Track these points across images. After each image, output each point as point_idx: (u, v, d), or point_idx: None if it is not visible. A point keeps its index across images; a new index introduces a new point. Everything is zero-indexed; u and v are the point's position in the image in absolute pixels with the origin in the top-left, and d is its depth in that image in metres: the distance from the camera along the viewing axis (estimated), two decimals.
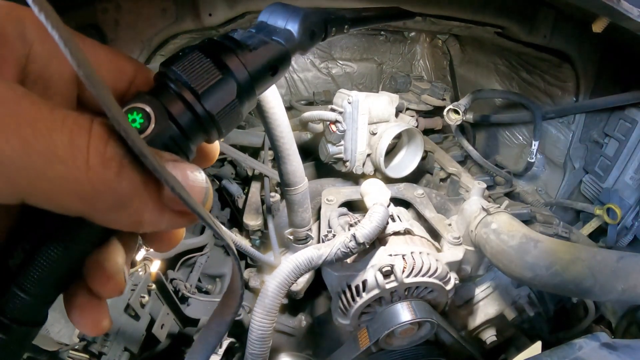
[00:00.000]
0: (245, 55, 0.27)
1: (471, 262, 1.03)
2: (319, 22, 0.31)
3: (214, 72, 0.26)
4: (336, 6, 0.98)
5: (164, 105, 0.25)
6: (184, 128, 0.25)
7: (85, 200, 0.20)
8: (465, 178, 1.22)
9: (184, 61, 0.26)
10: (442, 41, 1.76)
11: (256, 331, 0.78)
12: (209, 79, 0.26)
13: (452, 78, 1.78)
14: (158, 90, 0.26)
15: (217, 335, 0.28)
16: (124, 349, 0.94)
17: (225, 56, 0.27)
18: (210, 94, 0.26)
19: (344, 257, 0.85)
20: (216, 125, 0.27)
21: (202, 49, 0.27)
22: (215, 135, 0.27)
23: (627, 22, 0.74)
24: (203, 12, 0.88)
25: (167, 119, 0.25)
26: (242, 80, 0.27)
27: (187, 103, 0.25)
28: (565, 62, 1.18)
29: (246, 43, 0.28)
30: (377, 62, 1.90)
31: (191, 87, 0.25)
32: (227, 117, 0.27)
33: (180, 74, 0.25)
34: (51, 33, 0.19)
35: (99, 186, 0.20)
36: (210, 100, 0.26)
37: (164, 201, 0.23)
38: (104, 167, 0.20)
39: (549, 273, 0.80)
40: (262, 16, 0.32)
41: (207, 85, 0.25)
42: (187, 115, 0.25)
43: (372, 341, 0.86)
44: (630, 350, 0.67)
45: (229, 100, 0.26)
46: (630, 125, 1.10)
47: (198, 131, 0.26)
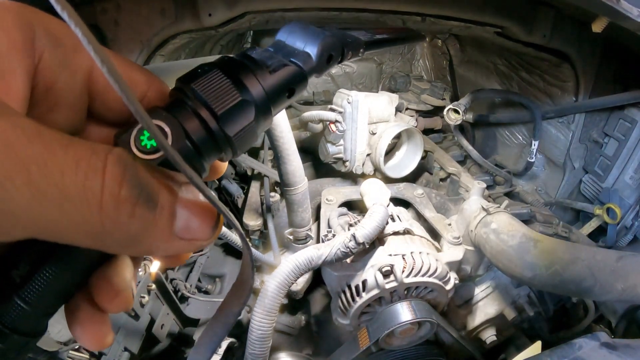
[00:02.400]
0: (264, 76, 0.27)
1: (471, 261, 1.03)
2: (337, 46, 0.31)
3: (234, 93, 0.26)
4: (336, 6, 0.98)
5: (181, 123, 0.25)
6: (199, 147, 0.25)
7: (97, 239, 0.20)
8: (465, 178, 1.22)
9: (203, 80, 0.26)
10: (441, 41, 1.76)
11: (256, 331, 0.78)
12: (228, 101, 0.26)
13: (452, 78, 1.78)
14: (175, 106, 0.25)
15: (224, 326, 0.28)
16: (124, 349, 0.94)
17: (245, 76, 0.27)
18: (228, 115, 0.26)
19: (344, 257, 0.85)
20: (232, 146, 0.27)
21: (222, 68, 0.27)
22: (229, 155, 0.28)
23: (627, 21, 0.74)
24: (202, 13, 0.88)
25: (183, 138, 0.25)
26: (260, 102, 0.27)
27: (205, 123, 0.25)
28: (565, 62, 1.18)
29: (265, 64, 0.28)
30: (377, 62, 1.90)
31: (210, 107, 0.25)
32: (243, 138, 0.27)
33: (199, 93, 0.25)
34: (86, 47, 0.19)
35: (111, 227, 0.20)
36: (229, 121, 0.26)
37: (175, 232, 0.23)
38: (118, 209, 0.20)
39: (548, 273, 0.80)
40: (280, 35, 0.31)
41: (227, 107, 0.25)
42: (203, 135, 0.25)
43: (372, 341, 0.86)
44: (630, 349, 0.67)
45: (247, 122, 0.27)
46: (629, 125, 1.10)
47: (213, 151, 0.26)
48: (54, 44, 0.24)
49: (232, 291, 0.28)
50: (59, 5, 0.19)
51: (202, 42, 1.20)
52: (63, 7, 0.19)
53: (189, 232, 0.23)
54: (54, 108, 0.25)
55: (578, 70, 1.17)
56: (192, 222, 0.23)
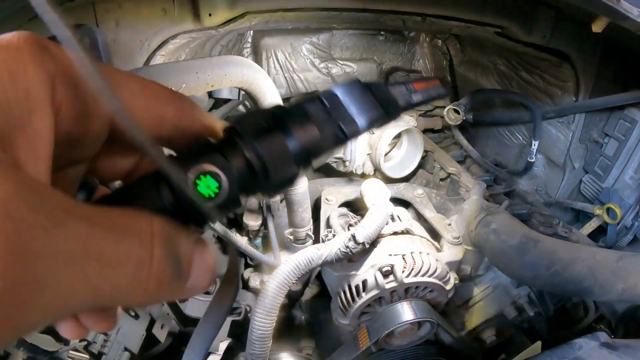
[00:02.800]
0: (314, 137, 0.30)
1: (471, 261, 1.03)
2: (382, 121, 0.33)
3: (289, 158, 0.28)
4: (336, 6, 0.98)
5: (234, 171, 0.26)
6: (245, 191, 0.27)
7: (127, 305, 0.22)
8: (465, 178, 1.22)
9: (264, 139, 0.27)
10: (441, 41, 1.76)
11: (256, 331, 0.78)
12: (283, 167, 0.28)
13: (452, 78, 1.78)
14: (229, 150, 0.27)
15: (215, 323, 0.29)
16: (124, 349, 0.94)
17: (296, 131, 0.28)
18: (279, 175, 0.28)
19: (344, 257, 0.85)
20: (269, 192, 0.29)
21: (278, 119, 0.28)
22: (264, 197, 0.30)
23: (627, 22, 0.74)
24: (203, 13, 0.88)
25: (236, 190, 0.26)
26: (304, 158, 0.29)
27: (254, 172, 0.27)
28: (565, 62, 1.18)
29: (319, 124, 0.30)
30: (377, 62, 1.90)
31: (263, 159, 0.27)
32: (281, 186, 0.29)
33: (259, 150, 0.27)
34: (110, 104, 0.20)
35: (146, 301, 0.22)
36: (277, 179, 0.28)
37: (184, 289, 0.24)
38: (159, 291, 0.22)
39: (548, 273, 0.80)
40: (339, 90, 0.33)
41: (280, 176, 0.28)
42: (252, 188, 0.28)
43: (372, 341, 0.86)
44: (630, 350, 0.68)
45: (290, 174, 0.29)
46: (630, 125, 1.10)
47: (250, 194, 0.29)
48: (73, 93, 0.23)
49: (219, 290, 0.28)
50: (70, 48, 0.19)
51: (203, 42, 1.20)
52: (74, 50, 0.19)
53: (193, 290, 0.25)
54: (70, 150, 0.25)
55: (578, 70, 1.17)
56: (199, 281, 0.25)
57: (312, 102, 0.31)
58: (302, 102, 0.31)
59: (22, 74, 0.21)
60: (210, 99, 1.33)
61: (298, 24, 1.15)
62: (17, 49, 0.21)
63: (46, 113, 0.22)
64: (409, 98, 0.36)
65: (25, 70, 0.21)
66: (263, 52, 1.68)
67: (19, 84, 0.20)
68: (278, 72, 1.75)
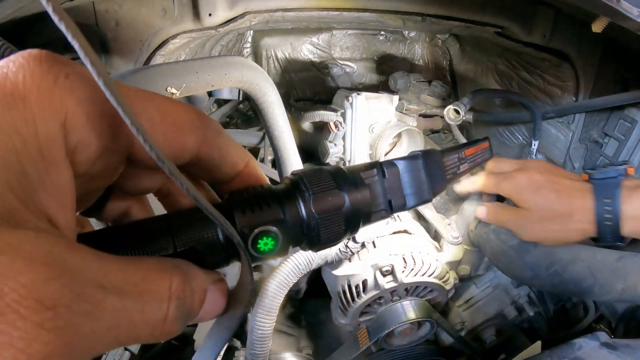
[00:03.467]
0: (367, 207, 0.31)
1: (471, 261, 1.03)
2: (427, 203, 0.35)
3: (342, 230, 0.30)
4: (336, 6, 0.98)
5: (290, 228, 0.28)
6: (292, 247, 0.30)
7: None
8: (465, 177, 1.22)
9: (323, 201, 0.29)
10: (441, 41, 1.76)
11: (256, 331, 0.78)
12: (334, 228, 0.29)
13: (452, 78, 1.78)
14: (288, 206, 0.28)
15: (227, 330, 0.29)
16: (124, 348, 0.94)
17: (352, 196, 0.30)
18: (328, 237, 0.30)
19: (344, 257, 0.85)
20: (314, 248, 0.31)
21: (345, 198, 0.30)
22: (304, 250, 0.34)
23: (627, 21, 0.73)
24: (203, 12, 0.88)
25: (287, 246, 0.29)
26: (353, 227, 0.31)
27: (306, 235, 0.29)
28: (565, 62, 1.18)
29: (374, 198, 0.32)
30: (377, 61, 1.90)
31: (319, 237, 0.29)
32: (327, 245, 0.31)
33: (318, 222, 0.28)
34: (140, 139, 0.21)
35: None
36: (325, 240, 0.30)
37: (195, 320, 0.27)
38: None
39: (548, 273, 0.80)
40: (402, 165, 0.34)
41: (329, 237, 0.30)
42: (299, 242, 0.30)
43: (372, 341, 0.87)
44: (630, 350, 0.68)
45: (338, 239, 0.31)
46: (630, 125, 1.10)
47: (295, 245, 0.30)
48: (87, 133, 0.23)
49: (232, 295, 0.28)
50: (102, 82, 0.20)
51: (203, 42, 1.20)
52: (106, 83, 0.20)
53: (200, 320, 0.27)
54: (88, 184, 0.26)
55: (578, 70, 1.17)
56: (206, 315, 0.27)
57: (374, 172, 0.32)
58: (365, 171, 0.32)
59: (32, 132, 0.20)
60: (211, 98, 1.33)
61: (298, 24, 1.15)
62: (23, 99, 0.20)
63: (63, 164, 0.22)
64: (457, 170, 0.38)
65: (35, 126, 0.20)
66: (263, 52, 1.68)
67: (31, 144, 0.20)
68: (278, 72, 1.75)
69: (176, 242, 0.26)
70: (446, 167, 0.37)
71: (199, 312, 0.26)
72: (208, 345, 0.29)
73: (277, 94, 0.91)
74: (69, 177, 0.22)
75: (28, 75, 0.20)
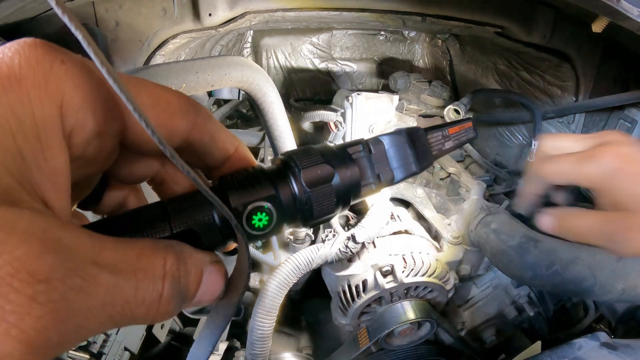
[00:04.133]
0: (357, 183, 0.32)
1: (471, 261, 1.03)
2: (415, 175, 0.37)
3: (333, 204, 0.31)
4: (336, 6, 0.98)
5: (283, 203, 0.29)
6: (286, 225, 0.30)
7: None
8: (465, 177, 1.22)
9: (313, 178, 0.29)
10: (441, 41, 1.76)
11: (256, 331, 0.78)
12: (326, 204, 0.30)
13: (452, 78, 1.78)
14: (280, 184, 0.29)
15: (224, 318, 0.29)
16: (124, 348, 0.94)
17: (341, 172, 0.31)
18: (321, 212, 0.30)
19: (344, 257, 0.85)
20: (308, 225, 0.32)
21: (334, 171, 0.31)
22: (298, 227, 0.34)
23: (627, 21, 0.73)
24: (203, 12, 0.88)
25: (282, 223, 0.29)
26: (344, 198, 0.32)
27: (300, 212, 0.30)
28: (565, 62, 1.18)
29: (361, 173, 0.33)
30: (377, 61, 1.90)
31: (311, 207, 0.30)
32: (321, 221, 0.32)
33: (307, 188, 0.29)
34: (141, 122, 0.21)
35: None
36: (318, 216, 0.30)
37: (192, 303, 0.27)
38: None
39: (548, 273, 0.80)
40: (386, 140, 0.35)
41: (322, 213, 0.30)
42: (294, 219, 0.30)
43: (372, 341, 0.86)
44: (630, 350, 0.68)
45: (330, 213, 0.31)
46: (630, 125, 1.10)
47: (290, 223, 0.31)
48: (83, 116, 0.23)
49: (230, 282, 0.29)
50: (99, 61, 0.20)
51: (203, 42, 1.20)
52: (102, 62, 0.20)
53: (196, 304, 0.27)
54: (83, 169, 0.26)
55: (578, 70, 1.17)
56: (204, 297, 0.27)
57: (360, 148, 0.33)
58: (351, 147, 0.33)
59: (29, 114, 0.20)
60: (211, 98, 1.33)
61: (298, 24, 1.15)
62: (19, 82, 0.20)
63: (59, 147, 0.22)
64: (442, 146, 0.39)
65: (31, 108, 0.20)
66: (263, 52, 1.68)
67: (27, 126, 0.20)
68: (278, 72, 1.75)
69: (172, 225, 0.26)
70: (431, 144, 0.37)
71: (196, 293, 0.26)
72: (204, 335, 0.29)
73: (277, 94, 0.91)
74: (65, 160, 0.22)
75: (24, 59, 0.21)
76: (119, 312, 0.21)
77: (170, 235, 0.27)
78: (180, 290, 0.25)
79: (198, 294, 0.26)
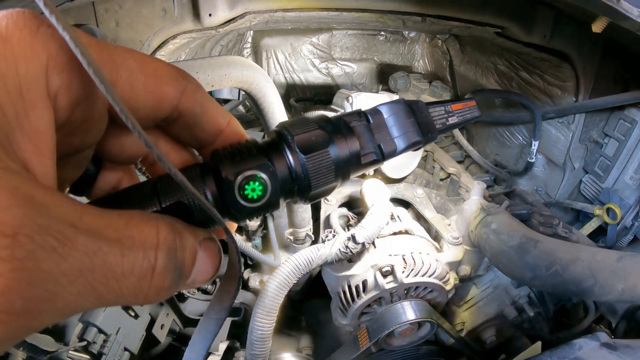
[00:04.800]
0: (356, 154, 0.30)
1: (471, 262, 1.03)
2: (418, 145, 0.34)
3: (331, 175, 0.29)
4: (336, 6, 0.98)
5: (278, 174, 0.27)
6: (284, 200, 0.28)
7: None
8: (465, 178, 1.22)
9: (310, 149, 0.28)
10: (441, 41, 1.76)
11: (256, 331, 0.78)
12: (324, 176, 0.29)
13: (452, 78, 1.78)
14: (275, 156, 0.27)
15: (216, 322, 0.29)
16: (123, 349, 0.94)
17: (340, 144, 0.29)
18: (319, 185, 0.29)
19: (344, 257, 0.85)
20: (306, 199, 0.30)
21: (331, 139, 0.29)
22: (297, 204, 0.31)
23: (627, 22, 0.74)
24: (203, 13, 0.88)
25: (278, 195, 0.27)
26: (343, 171, 0.30)
27: (297, 178, 0.28)
28: (565, 62, 1.18)
29: (361, 143, 0.31)
30: (377, 62, 1.90)
31: (306, 168, 0.28)
32: (319, 195, 0.30)
33: (303, 159, 0.27)
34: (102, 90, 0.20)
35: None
36: (316, 188, 0.29)
37: (183, 285, 0.24)
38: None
39: (548, 273, 0.80)
40: (384, 109, 0.33)
41: (320, 185, 0.29)
42: (291, 193, 0.28)
43: (372, 341, 0.86)
44: (630, 350, 0.68)
45: (328, 184, 0.29)
46: (630, 125, 1.10)
47: (290, 197, 0.29)
48: (69, 78, 0.22)
49: (221, 287, 0.29)
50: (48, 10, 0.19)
51: (203, 43, 1.20)
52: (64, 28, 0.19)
53: (192, 285, 0.25)
54: (71, 137, 0.25)
55: (578, 71, 1.17)
56: (200, 277, 0.25)
57: (357, 117, 0.32)
58: (348, 116, 0.31)
59: (12, 70, 0.20)
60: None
61: (298, 24, 1.15)
62: (5, 40, 0.20)
63: (43, 107, 0.21)
64: (446, 121, 0.37)
65: (15, 65, 0.20)
66: (263, 52, 1.68)
67: (10, 82, 0.20)
68: (278, 72, 1.75)
69: (161, 199, 0.25)
70: (434, 117, 0.36)
71: (192, 271, 0.24)
72: (198, 339, 0.29)
73: (277, 94, 0.91)
74: (49, 120, 0.21)
75: (11, 21, 0.20)
76: (102, 283, 0.19)
77: (160, 209, 0.25)
78: (177, 264, 0.22)
79: (193, 273, 0.24)
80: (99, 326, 0.88)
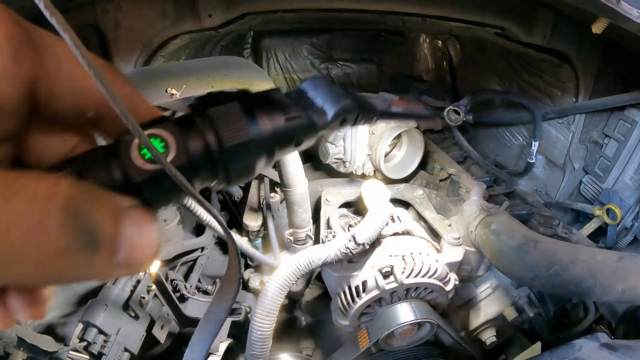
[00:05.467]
0: (278, 121, 0.28)
1: (471, 262, 1.03)
2: (352, 112, 0.32)
3: (245, 130, 0.26)
4: (336, 7, 0.98)
5: (186, 140, 0.25)
6: (197, 169, 0.25)
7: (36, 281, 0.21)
8: (465, 178, 1.22)
9: (221, 108, 0.26)
10: (442, 42, 1.76)
11: (256, 332, 0.78)
12: (238, 136, 0.26)
13: (452, 78, 1.78)
14: (185, 123, 0.26)
15: (216, 323, 0.28)
16: (124, 349, 0.94)
17: (260, 116, 0.27)
18: (234, 149, 0.26)
19: (344, 258, 0.85)
20: (227, 178, 0.27)
21: (241, 101, 0.27)
22: (221, 185, 0.28)
23: (627, 22, 0.74)
24: (203, 13, 0.88)
25: (185, 157, 0.24)
26: (267, 145, 0.28)
27: (209, 149, 0.25)
28: (565, 63, 1.18)
29: (283, 109, 0.29)
30: (377, 62, 1.90)
31: (220, 136, 0.25)
32: (240, 173, 0.27)
33: (213, 119, 0.25)
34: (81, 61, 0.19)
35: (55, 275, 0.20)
36: (232, 154, 0.26)
37: (115, 263, 0.21)
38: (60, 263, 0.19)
39: (548, 273, 0.80)
40: (305, 85, 0.32)
41: (234, 142, 0.26)
42: (204, 160, 0.25)
43: (372, 342, 0.86)
44: (630, 350, 0.68)
45: (249, 159, 0.27)
46: (629, 126, 1.10)
47: (208, 177, 0.27)
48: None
49: (220, 288, 0.29)
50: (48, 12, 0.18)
51: (203, 43, 1.20)
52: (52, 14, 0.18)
53: (125, 267, 0.22)
54: None
55: (578, 71, 1.17)
56: (131, 257, 0.21)
57: (279, 92, 0.30)
58: (269, 90, 0.29)
59: None
60: None
61: (298, 25, 1.15)
62: None
63: None
64: (388, 107, 0.36)
65: None
66: (263, 52, 1.69)
67: None
68: (278, 73, 1.75)
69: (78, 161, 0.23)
70: (373, 102, 0.35)
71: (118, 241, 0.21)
72: (197, 340, 0.29)
73: None
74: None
75: None
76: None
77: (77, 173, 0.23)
78: (84, 225, 0.19)
79: (123, 245, 0.21)
80: (99, 327, 0.88)
